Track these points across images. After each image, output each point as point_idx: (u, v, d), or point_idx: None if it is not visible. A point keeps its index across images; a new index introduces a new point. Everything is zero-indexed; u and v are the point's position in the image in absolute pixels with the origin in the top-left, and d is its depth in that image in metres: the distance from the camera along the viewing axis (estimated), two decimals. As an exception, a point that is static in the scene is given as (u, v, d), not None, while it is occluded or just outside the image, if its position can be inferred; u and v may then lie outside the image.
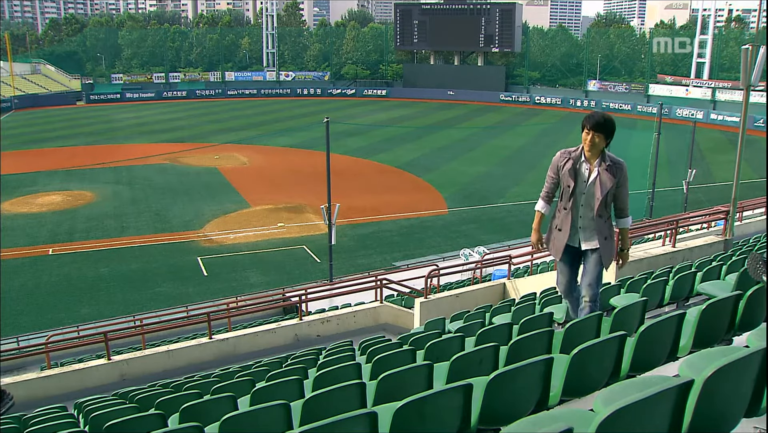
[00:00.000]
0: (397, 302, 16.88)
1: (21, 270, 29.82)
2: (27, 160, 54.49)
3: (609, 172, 6.02)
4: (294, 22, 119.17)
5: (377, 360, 5.96)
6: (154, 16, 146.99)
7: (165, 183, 45.39)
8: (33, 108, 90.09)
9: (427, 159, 51.68)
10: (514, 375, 3.61)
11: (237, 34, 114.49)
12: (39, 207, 39.75)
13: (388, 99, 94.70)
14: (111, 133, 68.78)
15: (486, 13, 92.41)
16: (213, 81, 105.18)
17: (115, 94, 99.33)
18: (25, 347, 19.23)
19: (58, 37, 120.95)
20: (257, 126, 70.57)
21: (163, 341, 16.97)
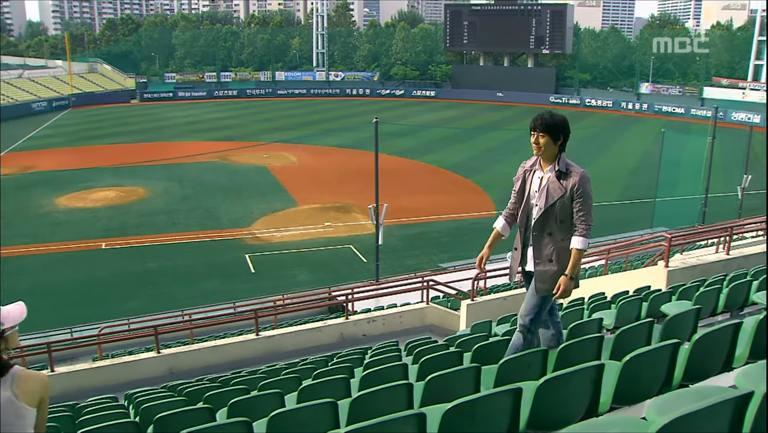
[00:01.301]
0: (443, 303, 16.83)
1: (75, 263, 30.59)
2: (83, 156, 55.90)
3: (558, 181, 5.21)
4: (344, 23, 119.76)
5: (424, 361, 5.95)
6: (206, 16, 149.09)
7: (215, 181, 46.04)
8: (89, 106, 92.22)
9: (475, 160, 51.41)
10: (565, 380, 3.57)
11: (287, 35, 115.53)
12: (93, 202, 40.72)
13: (437, 100, 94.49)
14: (163, 131, 70.06)
15: (537, 14, 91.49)
16: (263, 80, 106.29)
17: (168, 93, 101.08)
18: (78, 338, 19.71)
19: (115, 37, 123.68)
20: (306, 125, 71.08)
21: (210, 337, 17.23)
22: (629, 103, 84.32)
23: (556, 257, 5.24)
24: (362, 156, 50.13)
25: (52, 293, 26.98)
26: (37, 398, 3.42)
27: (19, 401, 3.33)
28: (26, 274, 29.34)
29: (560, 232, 5.23)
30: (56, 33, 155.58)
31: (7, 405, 3.32)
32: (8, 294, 25.35)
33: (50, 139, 66.65)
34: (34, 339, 19.09)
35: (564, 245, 5.23)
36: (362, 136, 56.92)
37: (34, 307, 22.57)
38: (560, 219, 5.21)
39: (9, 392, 3.31)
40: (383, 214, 25.77)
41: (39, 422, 3.53)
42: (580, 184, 5.15)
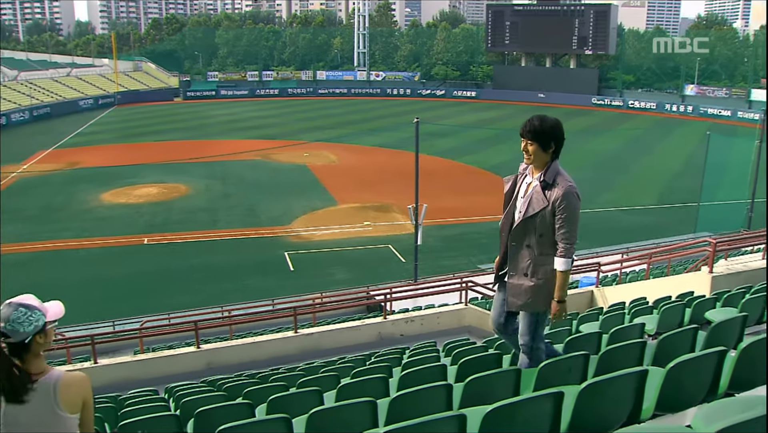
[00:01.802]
0: (481, 304, 16.73)
1: (118, 258, 31.14)
2: (127, 153, 56.90)
3: (542, 192, 4.91)
4: (385, 23, 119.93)
5: (463, 363, 5.93)
6: (249, 16, 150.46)
7: (256, 179, 46.46)
8: (134, 104, 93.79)
9: (515, 162, 49.77)
10: (607, 386, 3.53)
11: (329, 34, 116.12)
12: (137, 198, 41.41)
13: (478, 100, 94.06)
14: (205, 129, 70.93)
15: (580, 15, 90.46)
16: (305, 80, 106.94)
17: (211, 92, 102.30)
18: (120, 331, 20.09)
19: (159, 36, 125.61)
20: (347, 125, 71.33)
21: (249, 333, 17.37)
22: (673, 106, 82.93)
23: (532, 272, 4.96)
24: (402, 156, 50.13)
25: (96, 287, 27.50)
26: (79, 403, 3.41)
27: (61, 411, 3.33)
28: (71, 267, 29.99)
29: (539, 246, 4.93)
30: (103, 32, 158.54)
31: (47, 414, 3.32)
32: (53, 286, 25.96)
33: (96, 136, 67.97)
34: (79, 331, 19.46)
35: (542, 260, 4.93)
36: (402, 136, 56.91)
37: (78, 299, 23.15)
38: (539, 232, 4.90)
39: (50, 398, 3.31)
40: (423, 215, 25.73)
41: (85, 424, 3.57)
42: (563, 199, 4.82)
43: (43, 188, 44.76)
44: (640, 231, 33.12)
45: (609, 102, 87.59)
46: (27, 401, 3.26)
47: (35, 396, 3.27)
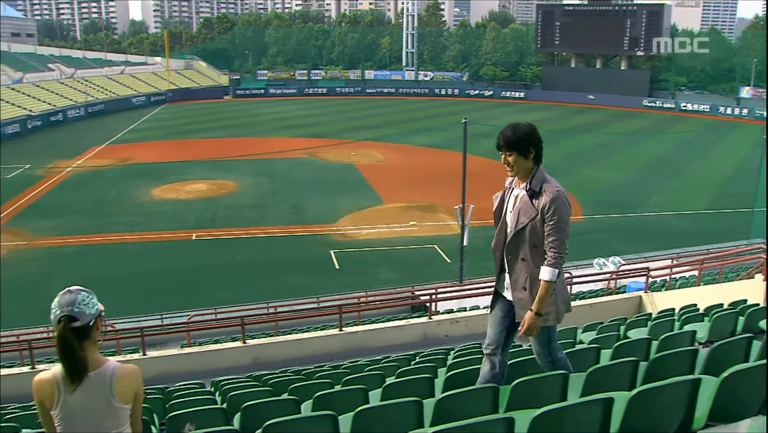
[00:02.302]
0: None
1: (167, 252, 31.70)
2: (177, 149, 57.89)
3: (530, 201, 4.73)
4: (434, 23, 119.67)
5: (509, 365, 5.89)
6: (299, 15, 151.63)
7: (303, 177, 46.81)
8: (185, 101, 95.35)
9: (563, 163, 50.45)
10: (658, 393, 3.47)
11: (378, 34, 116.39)
12: (186, 194, 42.08)
13: (526, 101, 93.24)
14: (254, 126, 71.73)
15: (632, 15, 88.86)
16: (353, 79, 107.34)
17: (260, 90, 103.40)
18: (168, 324, 20.43)
19: (211, 35, 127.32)
20: (394, 124, 71.39)
21: (294, 330, 17.52)
22: (728, 108, 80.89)
23: (529, 286, 4.78)
24: (449, 156, 49.99)
25: (145, 280, 28.03)
26: (132, 395, 3.54)
27: (115, 401, 3.45)
28: (121, 260, 30.59)
29: (534, 258, 4.74)
30: (156, 31, 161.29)
31: (102, 404, 3.45)
32: (103, 279, 26.54)
33: (148, 133, 69.26)
34: (128, 323, 19.87)
35: (538, 273, 4.73)
36: (450, 136, 56.74)
37: (127, 292, 23.61)
38: (533, 243, 4.72)
39: (106, 389, 3.44)
40: (469, 215, 25.59)
41: (135, 415, 3.68)
42: (550, 205, 4.63)
43: (96, 183, 45.81)
44: (690, 236, 32.46)
45: (660, 104, 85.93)
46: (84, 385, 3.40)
47: (92, 386, 3.40)
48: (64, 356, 3.36)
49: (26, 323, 22.14)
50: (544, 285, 4.64)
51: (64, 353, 3.35)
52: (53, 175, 48.78)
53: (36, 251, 32.15)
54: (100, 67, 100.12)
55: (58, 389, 3.39)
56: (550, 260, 4.62)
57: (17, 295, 26.77)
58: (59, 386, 3.39)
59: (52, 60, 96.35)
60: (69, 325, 3.36)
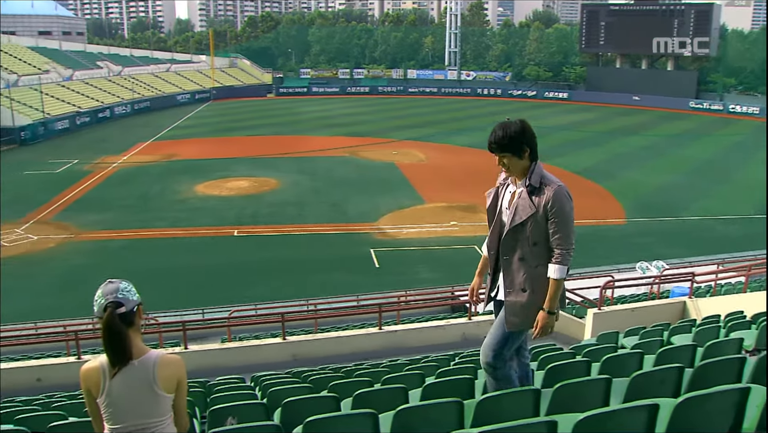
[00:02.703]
0: (567, 310, 16.44)
1: (208, 248, 32.07)
2: (221, 146, 58.60)
3: (529, 198, 4.58)
4: (477, 22, 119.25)
5: (550, 368, 5.85)
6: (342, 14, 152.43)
7: (344, 175, 46.98)
8: (228, 99, 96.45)
9: (607, 165, 49.89)
10: (705, 401, 3.41)
11: (421, 33, 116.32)
12: (228, 191, 42.56)
13: (570, 102, 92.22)
14: (297, 125, 72.25)
15: (680, 15, 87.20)
16: (395, 78, 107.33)
17: (303, 88, 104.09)
18: (209, 319, 20.68)
19: (255, 33, 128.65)
20: (436, 124, 71.26)
21: (333, 327, 17.60)
22: (779, 111, 78.95)
23: (530, 286, 4.61)
24: (491, 156, 49.54)
25: (187, 275, 28.41)
26: (174, 383, 3.63)
27: (157, 388, 3.54)
28: (163, 255, 31.08)
29: (534, 257, 4.59)
30: (202, 30, 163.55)
31: (146, 391, 3.54)
32: (146, 273, 26.98)
33: (192, 130, 70.21)
34: (170, 317, 20.17)
35: (539, 272, 4.59)
36: (491, 137, 56.39)
37: (169, 287, 24.03)
38: (533, 241, 4.56)
39: (149, 377, 3.53)
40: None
41: (179, 406, 3.76)
42: (554, 201, 4.49)
43: (140, 179, 46.58)
44: (737, 242, 31.79)
45: (708, 106, 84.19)
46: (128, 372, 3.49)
47: (136, 374, 3.50)
48: (110, 342, 3.47)
49: (72, 314, 22.61)
50: (554, 283, 4.54)
51: (111, 339, 3.46)
52: (100, 170, 49.74)
53: (82, 244, 32.82)
54: (146, 65, 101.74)
55: (104, 377, 3.51)
56: (558, 258, 4.51)
57: (64, 287, 27.39)
58: (105, 374, 3.50)
59: (101, 58, 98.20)
60: (115, 311, 3.46)
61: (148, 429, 3.60)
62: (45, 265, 30.14)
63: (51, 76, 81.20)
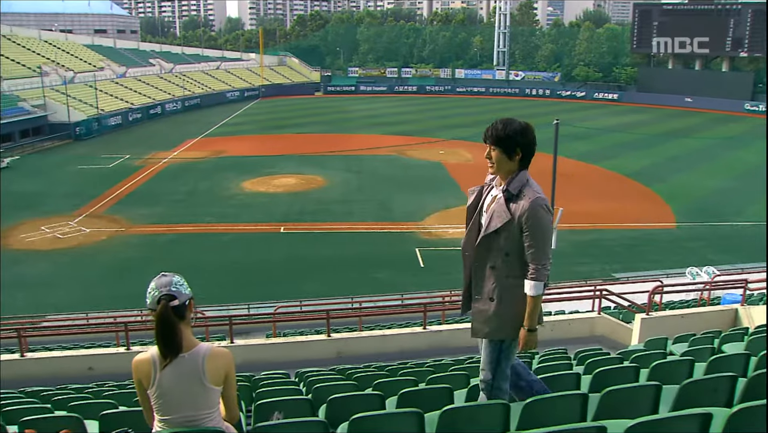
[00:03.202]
0: (614, 314, 16.20)
1: (255, 244, 32.42)
2: (268, 143, 59.24)
3: (506, 204, 4.35)
4: (527, 22, 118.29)
5: (598, 373, 5.77)
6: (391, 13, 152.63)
7: (391, 174, 47.04)
8: (277, 97, 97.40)
9: (657, 168, 48.98)
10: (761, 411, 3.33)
11: (469, 32, 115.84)
12: (275, 188, 43.00)
13: (620, 103, 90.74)
14: (344, 123, 72.59)
15: (736, 14, 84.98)
16: (443, 78, 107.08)
17: (350, 87, 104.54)
18: (255, 314, 20.91)
19: (304, 32, 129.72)
20: (484, 124, 68.29)
21: (377, 325, 17.62)
22: (839, 114, 76.53)
23: (498, 296, 4.42)
24: (538, 157, 48.10)
25: (233, 270, 28.75)
26: (222, 376, 3.69)
27: (206, 381, 3.60)
28: (210, 250, 31.50)
29: (506, 268, 4.38)
30: (251, 28, 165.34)
31: (195, 384, 3.61)
32: (193, 267, 27.37)
33: (240, 127, 71.09)
34: (217, 311, 20.43)
35: (509, 283, 4.39)
36: (539, 138, 54.82)
37: (217, 281, 24.29)
38: (506, 252, 4.36)
39: (198, 370, 3.59)
40: (558, 218, 25.17)
41: (229, 400, 3.82)
42: (530, 213, 4.25)
43: (189, 174, 47.33)
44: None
45: (763, 108, 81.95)
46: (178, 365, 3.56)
47: (186, 366, 3.57)
48: (162, 333, 3.54)
49: (121, 306, 23.12)
50: (530, 301, 4.35)
51: (163, 330, 3.54)
52: (150, 165, 50.69)
53: (132, 237, 33.48)
54: (197, 63, 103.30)
55: (154, 369, 3.58)
56: (533, 273, 4.29)
57: (113, 279, 27.97)
58: (156, 366, 3.58)
59: (153, 55, 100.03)
60: (168, 303, 3.54)
61: (197, 421, 3.67)
62: (96, 257, 30.83)
63: (105, 73, 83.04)
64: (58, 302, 25.44)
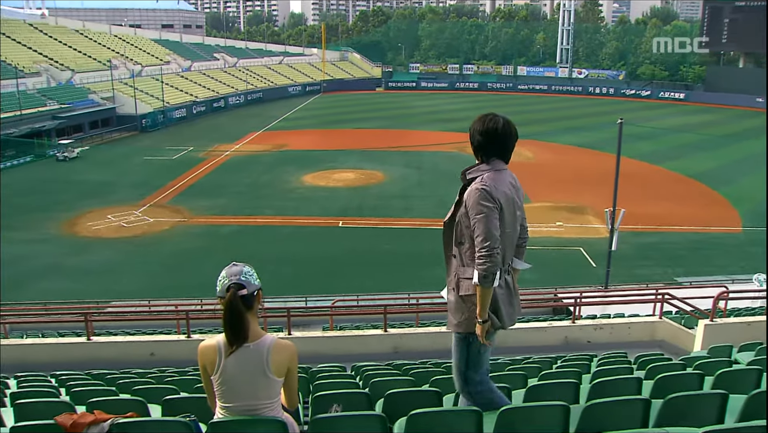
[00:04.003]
0: (676, 319, 15.85)
1: (314, 238, 32.72)
2: (329, 138, 59.74)
3: (460, 192, 4.44)
4: (591, 19, 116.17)
5: (660, 379, 5.66)
6: (453, 9, 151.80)
7: (450, 170, 46.74)
8: (338, 92, 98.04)
9: (724, 171, 47.60)
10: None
11: (532, 29, 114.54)
12: (335, 182, 43.31)
13: (687, 103, 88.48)
14: (405, 119, 72.60)
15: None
16: (505, 75, 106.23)
17: (411, 83, 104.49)
18: (312, 307, 21.11)
19: (366, 27, 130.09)
20: (545, 122, 69.96)
21: (434, 322, 17.59)
22: None
23: (456, 286, 4.40)
24: (600, 157, 48.48)
25: (292, 262, 29.04)
26: (285, 367, 3.76)
27: (269, 372, 3.67)
28: (270, 242, 31.90)
29: (462, 256, 4.36)
30: (314, 23, 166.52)
31: (258, 374, 3.68)
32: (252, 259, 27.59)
33: (302, 121, 71.81)
34: (275, 303, 20.69)
35: (464, 272, 4.33)
36: (602, 137, 55.04)
37: (276, 273, 24.58)
38: (459, 240, 4.37)
39: (262, 360, 3.66)
40: (620, 220, 24.69)
41: (290, 390, 3.89)
42: (471, 200, 4.24)
43: (251, 167, 48.02)
44: None
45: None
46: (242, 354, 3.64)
47: (250, 356, 3.65)
48: (230, 321, 3.63)
49: (182, 294, 23.63)
50: (477, 289, 4.19)
51: (231, 319, 3.62)
52: (213, 157, 51.62)
53: (194, 228, 34.16)
54: (260, 57, 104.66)
55: (219, 356, 3.68)
56: (477, 261, 4.14)
57: (175, 268, 28.61)
58: (221, 353, 3.66)
59: (218, 50, 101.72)
60: (237, 292, 3.62)
61: (257, 410, 3.75)
62: (158, 246, 31.57)
63: (171, 67, 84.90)
64: (121, 289, 26.15)
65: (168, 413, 5.46)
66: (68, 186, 42.43)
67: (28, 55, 69.72)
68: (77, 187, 41.84)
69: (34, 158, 51.17)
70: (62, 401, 6.51)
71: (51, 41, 76.28)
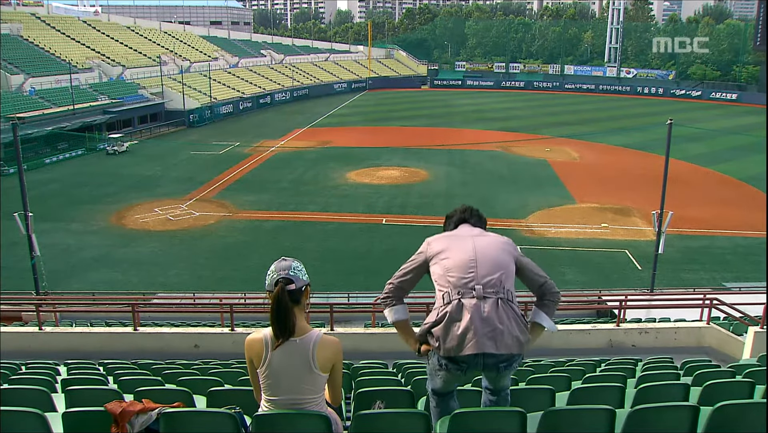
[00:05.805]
0: (724, 325, 15.53)
1: (357, 234, 32.80)
2: (373, 135, 59.85)
3: None
4: (641, 17, 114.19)
5: (708, 386, 5.57)
6: (500, 7, 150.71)
7: (495, 170, 46.62)
8: (383, 89, 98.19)
9: (777, 173, 46.44)
10: None
11: (580, 28, 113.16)
12: (379, 179, 43.37)
13: (739, 104, 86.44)
14: (449, 117, 72.41)
15: None
16: (551, 74, 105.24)
17: (457, 81, 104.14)
18: (355, 303, 21.20)
19: (412, 25, 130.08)
20: (592, 122, 69.12)
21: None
22: None
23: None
24: (648, 158, 47.72)
25: (335, 258, 29.19)
26: (330, 363, 3.80)
27: (314, 367, 3.71)
28: (315, 238, 32.08)
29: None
30: (360, 21, 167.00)
31: (303, 368, 3.72)
32: (298, 254, 27.87)
33: (347, 118, 72.09)
34: (318, 299, 20.84)
35: None
36: (650, 138, 54.16)
37: (319, 269, 24.79)
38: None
39: (308, 355, 3.70)
40: (667, 222, 24.25)
41: (334, 386, 3.93)
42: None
43: (296, 163, 48.37)
44: None
45: None
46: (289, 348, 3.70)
47: (296, 351, 3.70)
48: (277, 315, 3.68)
49: (226, 288, 23.94)
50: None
51: (278, 312, 3.67)
52: (258, 153, 52.14)
53: (238, 222, 34.54)
54: (306, 54, 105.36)
55: (266, 349, 3.73)
56: None
57: (220, 262, 28.98)
58: (268, 346, 3.72)
59: (265, 47, 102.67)
60: (286, 286, 3.66)
61: (302, 404, 3.80)
62: (204, 240, 32.00)
63: (219, 63, 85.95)
64: (167, 281, 26.60)
65: (213, 405, 5.55)
66: (117, 179, 43.30)
67: (81, 51, 71.33)
68: (126, 181, 42.67)
69: (86, 152, 52.44)
70: (111, 389, 6.66)
71: (103, 38, 77.91)
